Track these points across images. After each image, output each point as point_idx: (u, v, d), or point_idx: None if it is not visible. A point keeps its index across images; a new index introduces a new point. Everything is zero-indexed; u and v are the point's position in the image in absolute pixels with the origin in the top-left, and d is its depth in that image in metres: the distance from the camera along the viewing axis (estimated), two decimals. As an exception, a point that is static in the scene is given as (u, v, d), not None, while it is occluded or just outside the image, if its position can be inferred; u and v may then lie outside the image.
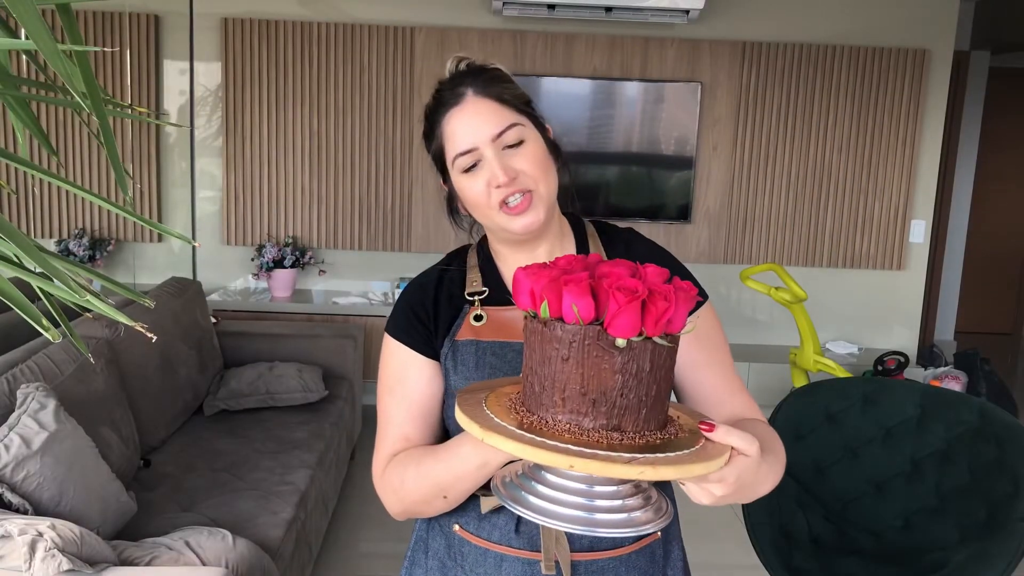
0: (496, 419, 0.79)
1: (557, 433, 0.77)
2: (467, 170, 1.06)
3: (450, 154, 1.07)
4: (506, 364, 1.08)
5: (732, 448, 0.81)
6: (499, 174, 1.03)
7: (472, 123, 1.05)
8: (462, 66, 1.10)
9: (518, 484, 0.83)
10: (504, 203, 1.05)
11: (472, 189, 1.06)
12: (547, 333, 0.78)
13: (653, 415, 0.79)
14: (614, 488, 0.80)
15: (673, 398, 0.93)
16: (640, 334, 0.76)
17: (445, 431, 1.12)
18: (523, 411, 0.81)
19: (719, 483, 0.82)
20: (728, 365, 1.11)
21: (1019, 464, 2.08)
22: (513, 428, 0.77)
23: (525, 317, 0.82)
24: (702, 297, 1.12)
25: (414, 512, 1.07)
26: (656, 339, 0.77)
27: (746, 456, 0.82)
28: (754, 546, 2.22)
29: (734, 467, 0.81)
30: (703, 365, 1.08)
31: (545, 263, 0.82)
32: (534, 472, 0.83)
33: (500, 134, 1.04)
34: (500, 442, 0.75)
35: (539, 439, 0.75)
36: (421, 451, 1.04)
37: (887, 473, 2.36)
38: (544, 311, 0.78)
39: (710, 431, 0.81)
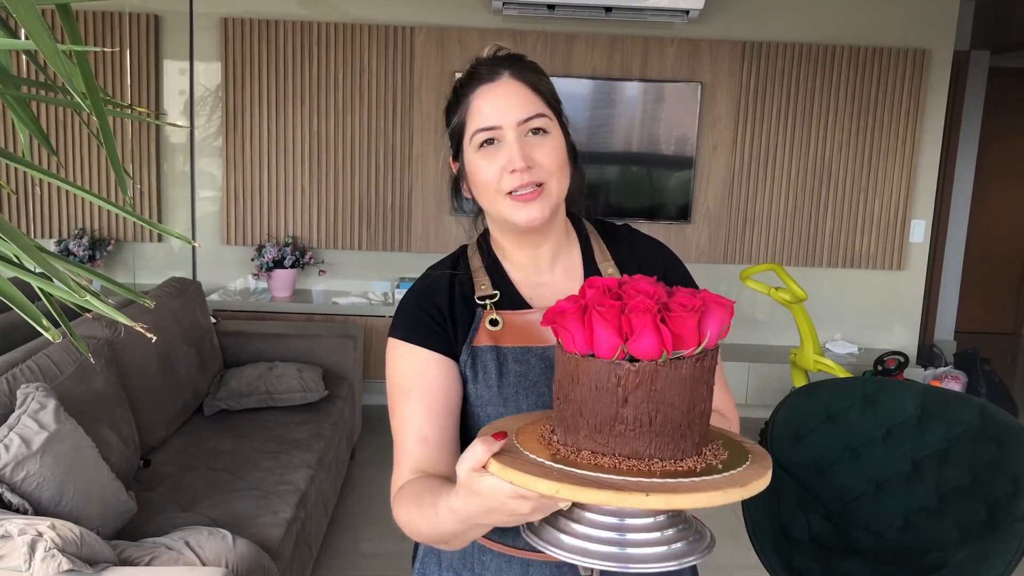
0: (728, 473, 0.75)
1: (718, 462, 0.78)
2: (483, 147, 1.03)
3: (471, 128, 1.04)
4: (531, 370, 1.04)
5: None
6: (517, 158, 1.01)
7: (502, 102, 1.03)
8: (501, 53, 1.09)
9: (548, 523, 0.79)
10: (511, 192, 1.02)
11: (485, 169, 1.03)
12: (704, 365, 0.77)
13: None
14: (651, 520, 0.77)
15: None
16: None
17: (463, 438, 1.06)
18: (682, 462, 0.77)
19: None
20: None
21: (1019, 464, 2.08)
22: (732, 473, 0.76)
23: (663, 364, 0.75)
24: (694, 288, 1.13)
25: (431, 545, 1.00)
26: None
27: None
28: (754, 546, 2.22)
29: None
30: None
31: (573, 298, 0.80)
32: (568, 511, 0.79)
33: (527, 119, 1.02)
34: (751, 489, 0.74)
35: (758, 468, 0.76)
36: (422, 496, 0.95)
37: (887, 473, 2.36)
38: (703, 345, 0.77)
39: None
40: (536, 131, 1.03)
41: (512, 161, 1.01)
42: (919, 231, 4.59)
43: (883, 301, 4.66)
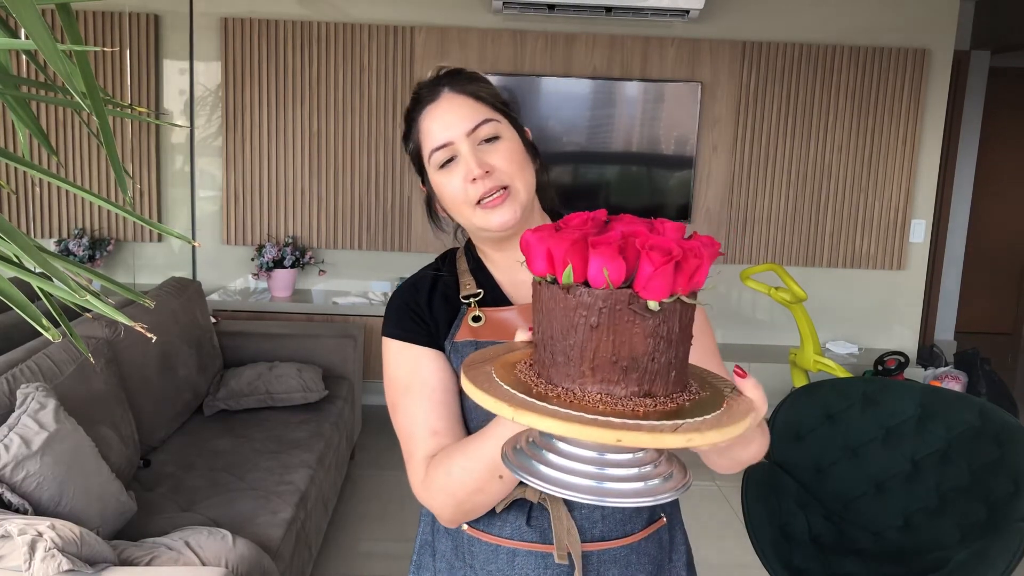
0: (524, 396, 0.73)
1: (590, 405, 0.72)
2: (443, 166, 1.07)
3: (426, 150, 1.08)
4: None
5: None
6: (474, 167, 1.04)
7: (447, 118, 1.06)
8: (441, 72, 1.13)
9: (529, 453, 0.78)
10: (480, 201, 1.05)
11: (449, 186, 1.07)
12: (571, 299, 0.73)
13: (680, 376, 0.77)
14: (630, 456, 0.76)
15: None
16: (672, 295, 0.72)
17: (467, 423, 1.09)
18: (543, 384, 0.76)
19: None
20: (713, 349, 1.11)
21: (1019, 464, 2.08)
22: (547, 405, 0.71)
23: (540, 283, 0.76)
24: None
25: (468, 507, 1.01)
26: (684, 298, 0.74)
27: (756, 412, 0.80)
28: (754, 546, 2.22)
29: None
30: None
31: (555, 225, 0.78)
32: (545, 440, 0.78)
33: (475, 128, 1.05)
34: (535, 420, 0.70)
35: (577, 414, 0.70)
36: (464, 441, 1.00)
37: (887, 473, 2.36)
38: (568, 276, 0.73)
39: (743, 376, 0.80)
40: (489, 139, 1.06)
41: (470, 171, 1.04)
42: (919, 231, 4.59)
43: (883, 301, 4.66)
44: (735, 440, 0.82)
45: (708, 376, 0.84)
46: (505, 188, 1.05)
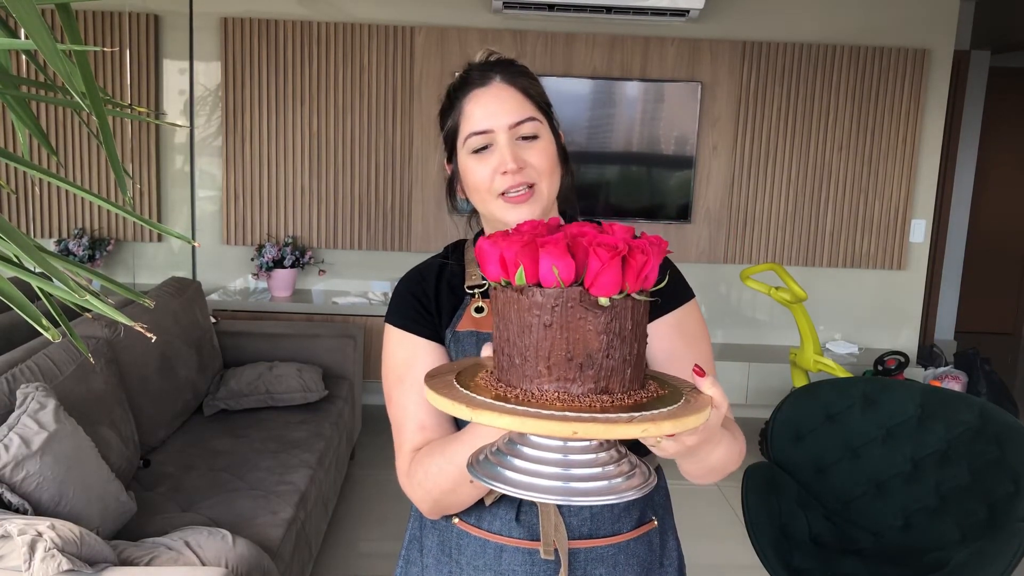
0: (480, 397, 0.75)
1: (548, 403, 0.75)
2: (477, 151, 1.06)
3: (464, 132, 1.08)
4: None
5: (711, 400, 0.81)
6: (508, 160, 1.04)
7: (493, 107, 1.06)
8: (492, 58, 1.12)
9: (494, 461, 0.81)
10: (504, 193, 1.05)
11: (477, 172, 1.07)
12: (524, 301, 0.76)
13: (636, 374, 0.79)
14: (592, 456, 0.78)
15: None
16: (621, 291, 0.74)
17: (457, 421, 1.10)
18: (502, 386, 0.78)
19: (691, 432, 0.82)
20: (707, 357, 1.11)
21: (1019, 464, 2.08)
22: (504, 404, 0.74)
23: (495, 288, 0.79)
24: (689, 295, 1.14)
25: (445, 505, 1.04)
26: (635, 295, 0.76)
27: (717, 410, 0.82)
28: (754, 546, 2.22)
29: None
30: (682, 356, 1.07)
31: (507, 231, 0.80)
32: (509, 446, 0.81)
33: (518, 123, 1.06)
34: (493, 418, 0.72)
35: (534, 410, 0.72)
36: (444, 440, 1.02)
37: (887, 473, 2.36)
38: (520, 278, 0.76)
39: (702, 376, 0.81)
40: (527, 136, 1.06)
41: (503, 163, 1.04)
42: (919, 231, 4.59)
43: (883, 301, 4.66)
44: (697, 440, 0.83)
45: (668, 378, 0.86)
46: (531, 187, 1.06)
